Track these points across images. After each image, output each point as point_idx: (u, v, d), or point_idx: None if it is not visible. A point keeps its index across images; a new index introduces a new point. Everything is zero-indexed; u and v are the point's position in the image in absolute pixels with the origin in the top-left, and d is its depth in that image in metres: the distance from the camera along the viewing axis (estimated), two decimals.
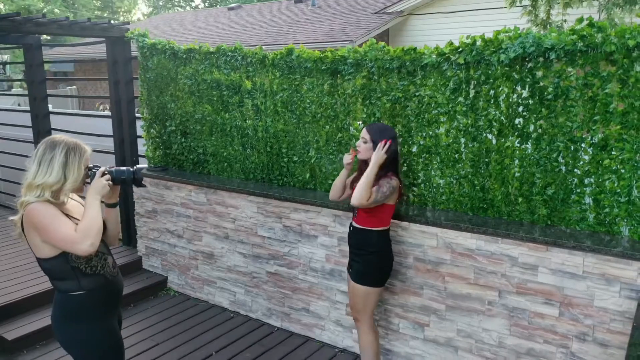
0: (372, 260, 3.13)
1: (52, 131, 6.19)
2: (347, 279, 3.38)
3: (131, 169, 2.38)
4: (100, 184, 2.23)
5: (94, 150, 2.39)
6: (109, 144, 5.46)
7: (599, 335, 2.86)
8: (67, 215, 2.21)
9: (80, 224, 2.14)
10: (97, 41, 5.27)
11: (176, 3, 35.49)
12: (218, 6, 30.22)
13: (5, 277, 4.70)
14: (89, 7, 31.77)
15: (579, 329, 2.91)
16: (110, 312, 2.38)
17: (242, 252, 4.38)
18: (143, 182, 2.42)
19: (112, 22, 4.72)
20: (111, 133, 5.33)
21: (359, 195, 2.90)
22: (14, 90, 14.62)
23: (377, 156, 2.94)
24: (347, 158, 3.19)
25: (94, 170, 2.28)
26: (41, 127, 6.12)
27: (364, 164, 3.12)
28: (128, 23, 5.00)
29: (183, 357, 3.82)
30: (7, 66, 19.23)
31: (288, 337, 4.13)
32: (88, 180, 2.28)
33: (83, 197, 2.34)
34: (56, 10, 25.86)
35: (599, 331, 2.86)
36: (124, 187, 2.48)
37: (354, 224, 3.18)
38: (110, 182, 2.29)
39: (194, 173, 4.82)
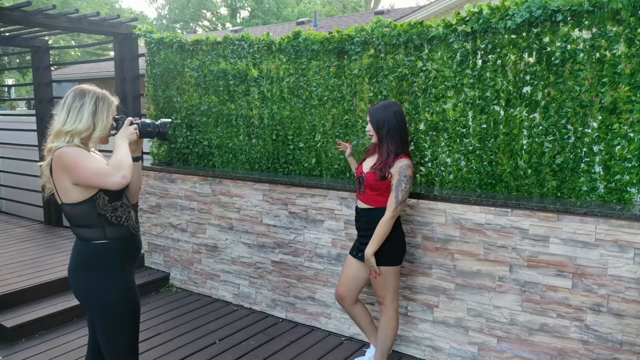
0: (389, 237, 3.02)
1: None
2: (346, 263, 3.27)
3: (156, 122, 2.39)
4: (129, 131, 2.25)
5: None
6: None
7: (613, 305, 2.79)
8: None
9: (110, 160, 2.13)
10: (105, 40, 5.34)
11: (179, 36, 36.11)
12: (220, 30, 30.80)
13: (6, 270, 4.64)
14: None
15: (593, 300, 2.85)
16: (130, 266, 2.33)
17: (246, 242, 4.33)
18: (167, 136, 2.42)
19: (119, 17, 4.79)
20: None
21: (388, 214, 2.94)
22: (18, 110, 14.75)
23: None
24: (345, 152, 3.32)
25: (120, 121, 2.29)
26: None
27: (374, 147, 3.09)
28: (136, 19, 5.08)
29: (184, 346, 3.73)
30: (12, 89, 19.45)
31: (293, 327, 4.04)
32: (113, 132, 2.29)
33: (105, 152, 2.33)
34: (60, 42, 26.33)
35: (613, 301, 2.79)
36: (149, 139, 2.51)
37: (361, 204, 3.11)
38: (137, 132, 2.29)
39: (199, 166, 4.81)
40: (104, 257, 2.21)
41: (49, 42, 6.12)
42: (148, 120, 2.38)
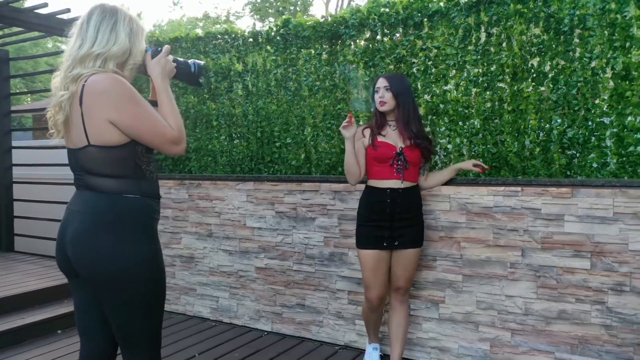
0: (422, 216, 2.96)
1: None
2: (370, 261, 2.85)
3: (188, 62, 1.96)
4: (169, 65, 1.82)
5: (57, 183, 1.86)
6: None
7: (637, 284, 2.62)
8: None
9: (172, 117, 1.74)
10: None
11: (155, 34, 35.48)
12: None
13: None
14: None
15: (615, 280, 2.67)
16: (157, 234, 1.85)
17: (227, 249, 3.98)
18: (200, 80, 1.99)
19: None
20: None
21: None
22: None
23: None
24: (349, 131, 2.74)
25: (155, 50, 1.84)
26: (3, 145, 5.68)
27: (383, 117, 2.81)
28: None
29: None
30: None
31: (280, 339, 3.66)
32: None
33: None
34: None
35: (637, 279, 2.62)
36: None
37: (406, 183, 2.78)
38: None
39: (174, 173, 4.47)
40: (138, 216, 1.75)
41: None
42: (180, 58, 1.94)
